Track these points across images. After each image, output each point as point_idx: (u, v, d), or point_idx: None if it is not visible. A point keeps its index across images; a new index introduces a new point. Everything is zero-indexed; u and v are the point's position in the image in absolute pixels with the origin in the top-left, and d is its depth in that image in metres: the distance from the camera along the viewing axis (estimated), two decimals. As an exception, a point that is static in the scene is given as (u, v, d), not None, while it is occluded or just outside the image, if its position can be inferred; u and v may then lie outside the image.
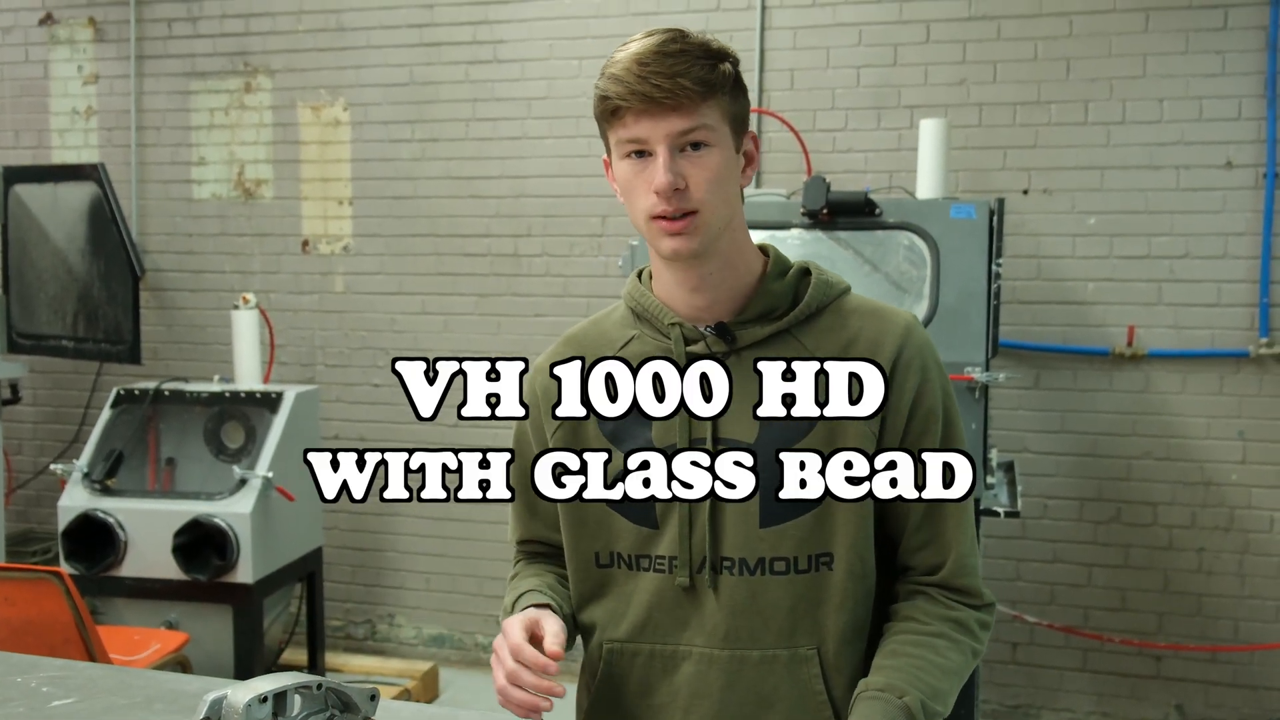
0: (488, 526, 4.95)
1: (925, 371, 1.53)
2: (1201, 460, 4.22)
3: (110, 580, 3.99)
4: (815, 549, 1.50)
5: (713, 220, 1.47)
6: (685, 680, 1.54)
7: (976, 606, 1.56)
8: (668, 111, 1.43)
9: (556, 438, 1.62)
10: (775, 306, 1.54)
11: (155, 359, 5.23)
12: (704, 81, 1.43)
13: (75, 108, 5.40)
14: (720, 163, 1.46)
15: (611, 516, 1.58)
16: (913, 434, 1.51)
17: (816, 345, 1.53)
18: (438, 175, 4.94)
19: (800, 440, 1.49)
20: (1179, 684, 4.28)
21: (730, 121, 1.48)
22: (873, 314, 1.55)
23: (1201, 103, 4.15)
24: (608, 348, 1.63)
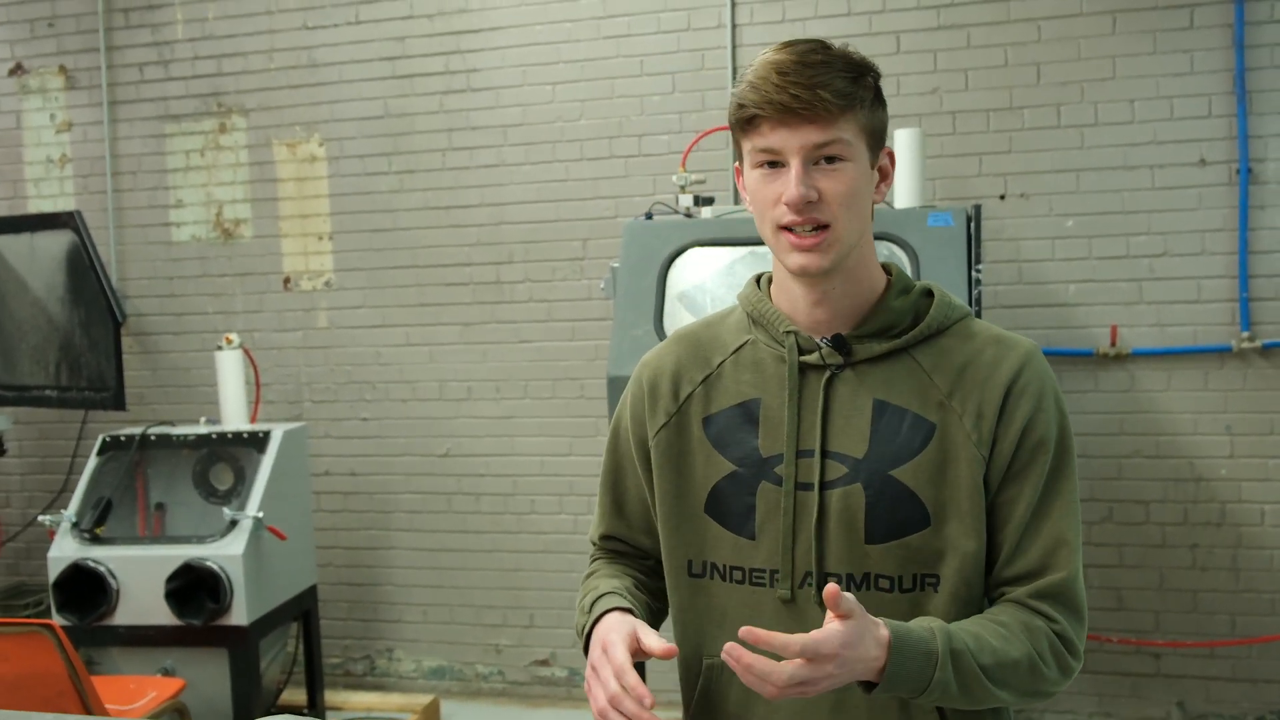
0: (484, 556, 4.93)
1: (1040, 400, 1.48)
2: (1190, 456, 4.23)
3: (104, 630, 3.95)
4: (921, 569, 1.47)
5: (845, 236, 1.45)
6: (787, 701, 1.46)
7: (1060, 634, 1.46)
8: (804, 123, 1.40)
9: (659, 437, 1.60)
10: (894, 324, 1.52)
11: (141, 404, 5.21)
12: (843, 94, 1.41)
13: (50, 156, 5.39)
14: (855, 177, 1.44)
15: (708, 524, 1.56)
16: (1019, 463, 1.46)
17: (934, 366, 1.50)
18: (416, 206, 4.94)
19: (911, 459, 1.47)
20: (1179, 681, 4.28)
21: (867, 136, 1.45)
22: (994, 339, 1.52)
23: (1172, 102, 4.17)
24: (720, 351, 1.61)
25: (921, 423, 1.48)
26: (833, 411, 1.51)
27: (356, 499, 5.09)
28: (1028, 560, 1.47)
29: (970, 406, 1.47)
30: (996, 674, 1.40)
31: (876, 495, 1.47)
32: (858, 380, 1.51)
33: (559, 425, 4.82)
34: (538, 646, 4.92)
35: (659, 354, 1.67)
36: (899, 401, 1.49)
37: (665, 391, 1.62)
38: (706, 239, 3.47)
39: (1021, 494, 1.46)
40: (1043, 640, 1.44)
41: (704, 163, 4.37)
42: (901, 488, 1.46)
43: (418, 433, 5.00)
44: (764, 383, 1.55)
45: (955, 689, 1.37)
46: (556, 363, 4.80)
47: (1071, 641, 1.46)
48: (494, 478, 4.91)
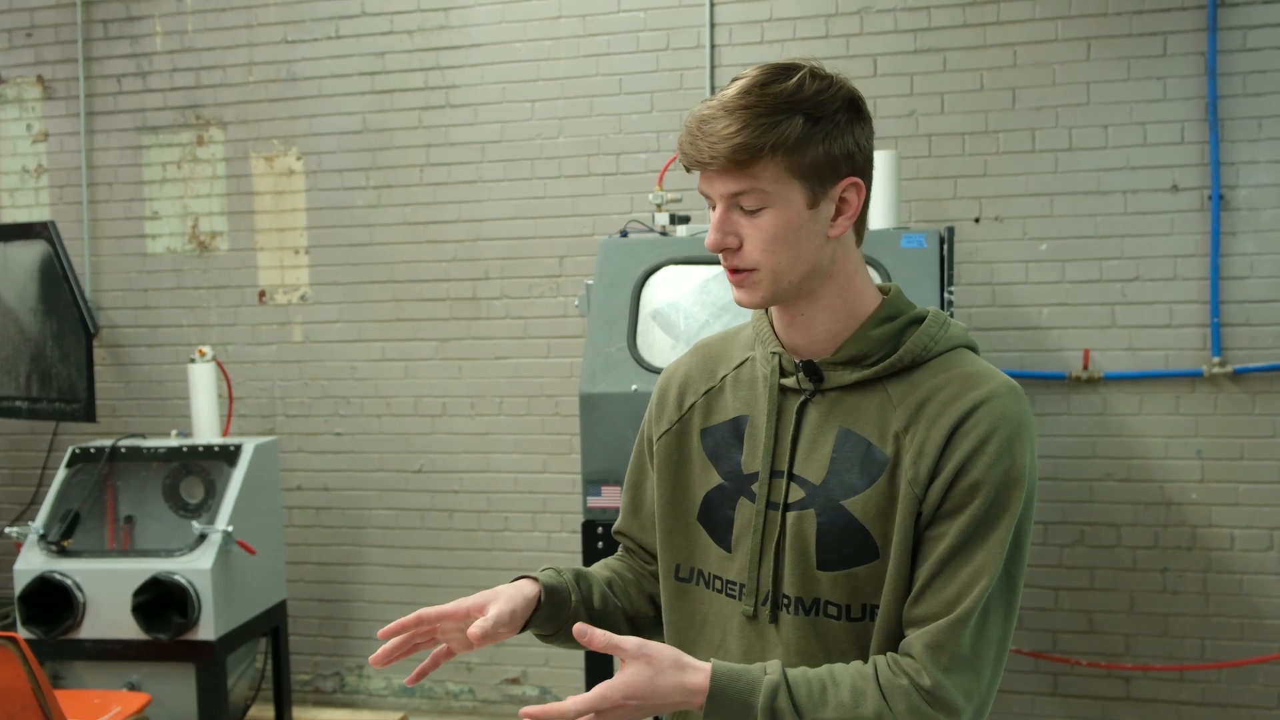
0: (457, 573, 4.91)
1: (984, 442, 1.41)
2: (1161, 480, 4.25)
3: (69, 644, 3.92)
4: (868, 599, 1.47)
5: (777, 275, 1.45)
6: None
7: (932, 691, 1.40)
8: (718, 174, 1.44)
9: (662, 442, 1.66)
10: (868, 353, 1.50)
11: (114, 416, 5.17)
12: (746, 147, 1.39)
13: (25, 166, 5.37)
14: (778, 223, 1.43)
15: (698, 532, 1.60)
16: (949, 504, 1.42)
17: (900, 399, 1.48)
18: (394, 221, 4.94)
19: (862, 490, 1.46)
20: (1149, 705, 4.29)
21: (801, 175, 1.42)
22: (963, 376, 1.47)
23: (1145, 128, 4.21)
24: (725, 365, 1.65)
25: (878, 455, 1.47)
26: (801, 436, 1.52)
27: (329, 514, 5.07)
28: (933, 603, 1.42)
29: (915, 444, 1.44)
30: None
31: (828, 524, 1.48)
32: (829, 407, 1.51)
33: (534, 442, 4.81)
34: (509, 665, 4.90)
35: (677, 363, 1.73)
36: (862, 432, 1.48)
37: (672, 400, 1.68)
38: (680, 258, 3.48)
39: (945, 534, 1.42)
40: (900, 701, 1.40)
41: (680, 182, 4.37)
42: (851, 519, 1.46)
43: (392, 448, 4.98)
44: (754, 400, 1.58)
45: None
46: (532, 379, 4.80)
47: (945, 700, 1.39)
48: (468, 494, 4.90)
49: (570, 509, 4.70)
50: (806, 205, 1.44)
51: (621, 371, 3.29)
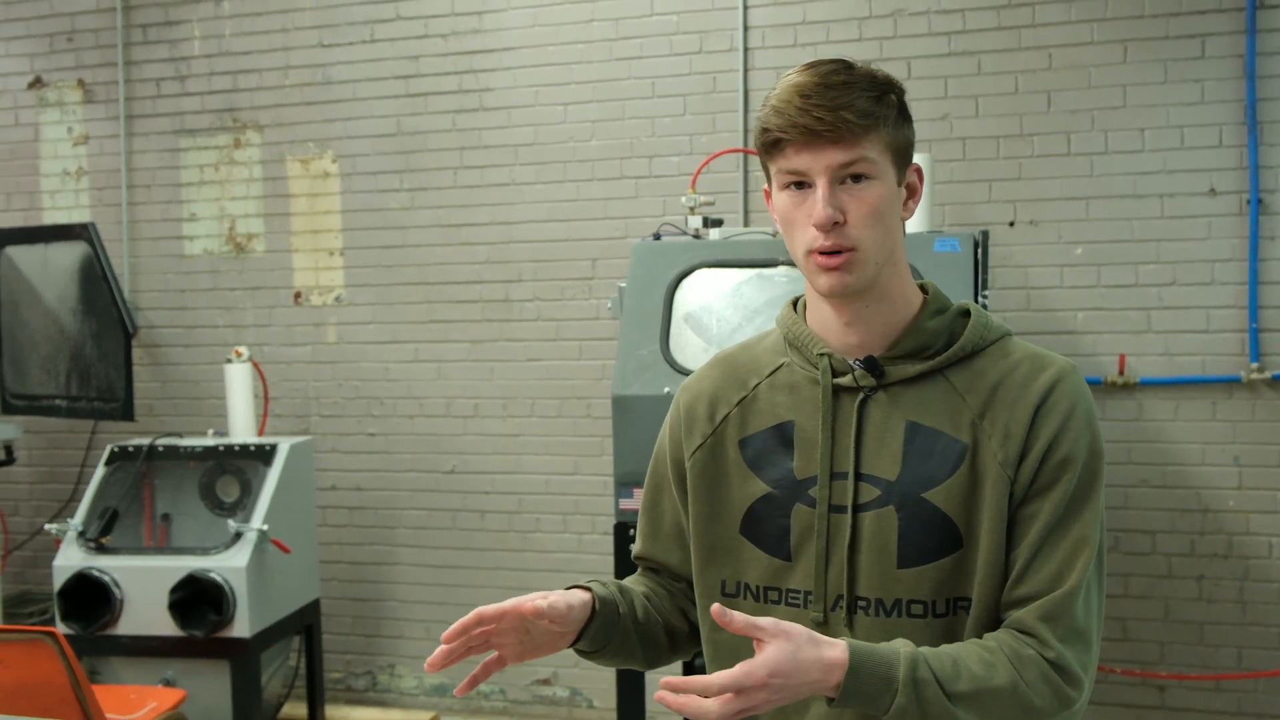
0: (488, 573, 4.93)
1: (1068, 419, 1.45)
2: (1198, 487, 4.21)
3: (106, 639, 3.97)
4: (953, 592, 1.46)
5: (871, 255, 1.45)
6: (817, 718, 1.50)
7: (1055, 661, 1.41)
8: (828, 144, 1.41)
9: (695, 459, 1.62)
10: (928, 345, 1.51)
11: (150, 415, 5.23)
12: (866, 114, 1.41)
13: (66, 169, 5.44)
14: (880, 196, 1.44)
15: (743, 545, 1.56)
16: (1041, 481, 1.44)
17: (967, 386, 1.49)
18: (427, 224, 4.97)
19: (943, 481, 1.46)
20: (1183, 714, 4.25)
21: (893, 153, 1.46)
22: (1028, 357, 1.51)
23: (1183, 131, 4.18)
24: (757, 374, 1.62)
25: (954, 444, 1.47)
26: (866, 434, 1.50)
27: (361, 514, 5.10)
28: (1038, 580, 1.43)
29: (999, 426, 1.46)
30: (973, 703, 1.37)
31: (910, 518, 1.46)
32: (891, 402, 1.50)
33: (565, 444, 4.82)
34: (539, 666, 4.91)
35: (698, 378, 1.68)
36: (932, 423, 1.48)
37: (702, 414, 1.63)
38: (714, 260, 3.48)
39: (1040, 511, 1.44)
40: (1032, 669, 1.41)
41: (713, 185, 4.38)
42: (934, 510, 1.46)
43: (424, 449, 5.01)
44: (799, 405, 1.55)
45: (918, 715, 1.36)
46: (563, 381, 4.81)
47: (1069, 670, 1.42)
48: (499, 495, 4.92)
49: (601, 511, 4.71)
50: (896, 181, 1.48)
51: (654, 374, 3.30)
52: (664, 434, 1.70)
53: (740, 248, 3.54)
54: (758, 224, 4.41)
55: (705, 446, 1.62)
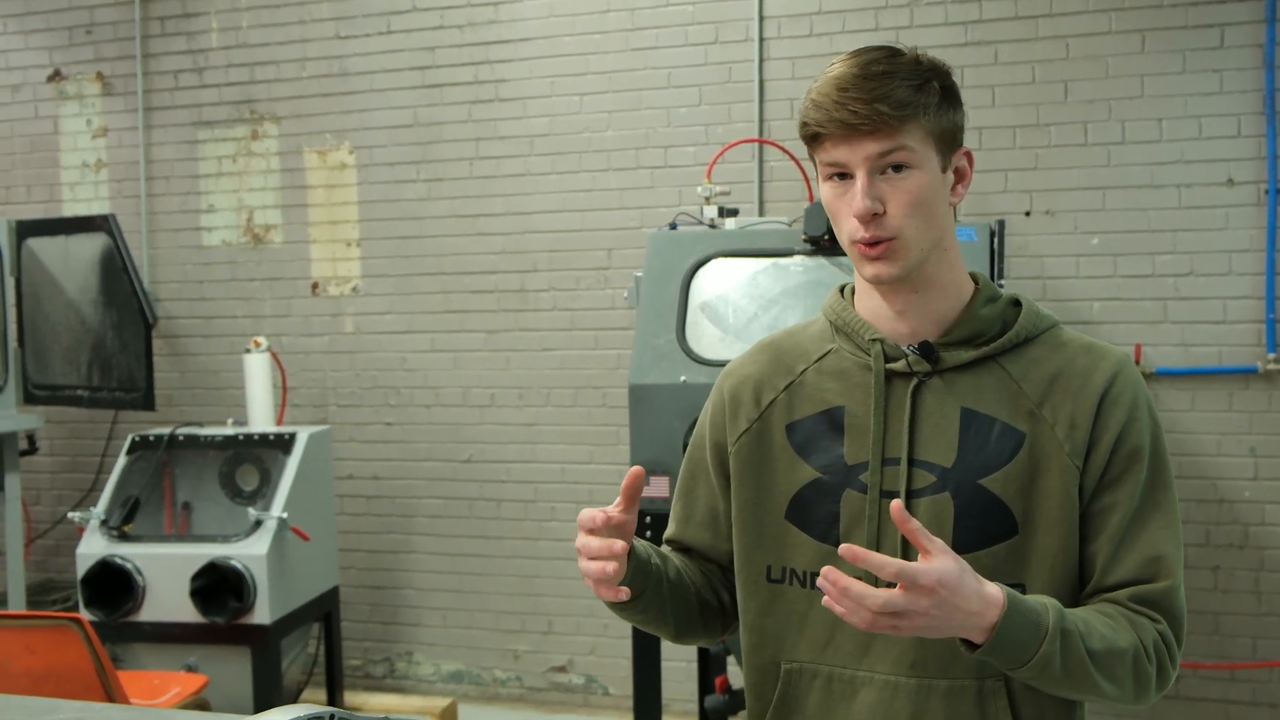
0: (504, 561, 4.96)
1: (1134, 410, 1.47)
2: (1214, 478, 4.22)
3: (129, 626, 4.01)
4: (1008, 578, 1.43)
5: (914, 244, 1.45)
6: (865, 707, 1.50)
7: (1163, 634, 1.45)
8: (864, 136, 1.42)
9: (740, 444, 1.61)
10: (982, 332, 1.51)
11: (170, 405, 5.27)
12: (902, 104, 1.41)
13: (85, 161, 5.47)
14: (922, 184, 1.44)
15: (789, 530, 1.56)
16: (1113, 472, 1.46)
17: (1023, 375, 1.49)
18: (443, 214, 4.99)
19: (1000, 468, 1.46)
20: (1199, 704, 4.25)
21: (936, 140, 1.45)
22: (1085, 348, 1.52)
23: (1200, 121, 4.17)
24: (803, 359, 1.61)
25: (1011, 432, 1.47)
26: (920, 420, 1.50)
27: (379, 503, 5.14)
28: (1125, 570, 1.45)
29: (1063, 416, 1.46)
30: (1103, 661, 1.38)
31: (965, 504, 1.47)
32: (945, 388, 1.50)
33: (581, 434, 4.85)
34: (555, 653, 4.94)
35: (741, 363, 1.68)
36: (987, 410, 1.49)
37: (747, 399, 1.63)
38: (730, 250, 3.50)
39: (1117, 503, 1.45)
40: (1149, 634, 1.43)
41: (729, 174, 4.40)
42: (991, 497, 1.46)
43: (441, 438, 5.04)
44: (849, 391, 1.55)
45: (1059, 667, 1.35)
46: (579, 371, 4.84)
47: (1173, 647, 1.45)
48: (515, 484, 4.95)
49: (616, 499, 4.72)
50: (941, 168, 1.47)
51: (670, 363, 3.32)
52: (704, 420, 1.69)
53: (756, 237, 3.56)
54: (773, 213, 4.42)
55: (751, 432, 1.61)
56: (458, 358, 5.01)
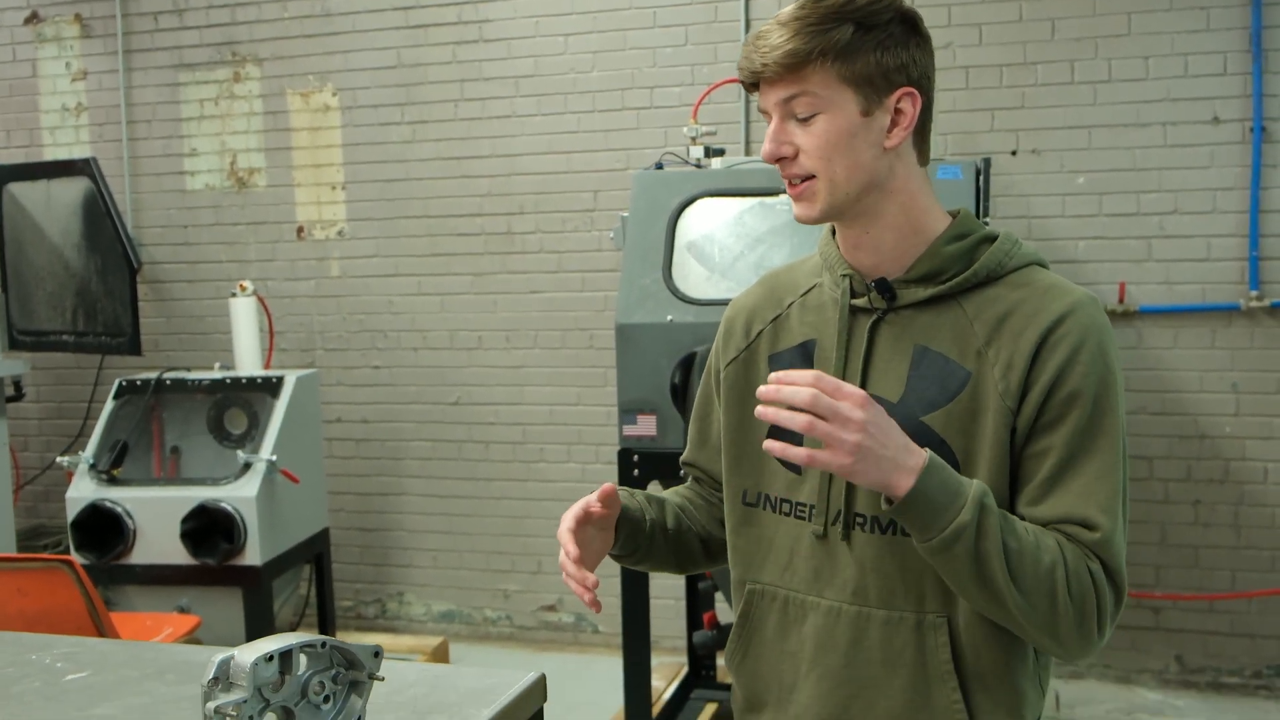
0: (493, 502, 5.00)
1: (1076, 353, 1.43)
2: (1195, 414, 4.26)
3: (121, 569, 4.03)
4: None
5: (832, 185, 1.47)
6: (813, 631, 1.55)
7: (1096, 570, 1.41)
8: (770, 83, 1.48)
9: (729, 371, 1.68)
10: (941, 270, 1.51)
11: (156, 350, 5.26)
12: (796, 53, 1.43)
13: (65, 104, 5.42)
14: (831, 128, 1.45)
15: (766, 458, 1.58)
16: (1048, 415, 1.42)
17: (977, 314, 1.49)
18: (429, 157, 4.97)
19: (943, 406, 1.47)
20: (1178, 635, 4.33)
21: (853, 83, 1.45)
22: (1044, 289, 1.49)
23: (1187, 59, 4.17)
24: (792, 292, 1.66)
25: (958, 371, 1.48)
26: (875, 355, 1.53)
27: (368, 446, 5.16)
28: (1051, 514, 1.42)
29: (1003, 357, 1.45)
30: (1014, 561, 1.37)
31: None
32: (902, 325, 1.52)
33: (568, 375, 4.87)
34: (545, 593, 4.99)
35: (744, 295, 1.74)
36: (939, 348, 1.50)
37: (739, 330, 1.69)
38: (715, 189, 3.49)
39: (1050, 448, 1.43)
40: (1079, 563, 1.40)
41: (715, 115, 4.38)
42: (931, 434, 1.46)
43: (428, 381, 5.05)
44: (823, 325, 1.59)
45: (972, 544, 1.35)
46: (566, 313, 4.84)
47: (1101, 591, 1.41)
48: (503, 426, 4.97)
49: (605, 440, 4.76)
50: (860, 113, 1.46)
51: (656, 303, 3.33)
52: (714, 347, 1.76)
53: (742, 176, 3.55)
54: (759, 153, 4.40)
55: (739, 360, 1.67)
56: (445, 300, 5.01)
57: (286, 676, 1.20)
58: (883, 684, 1.51)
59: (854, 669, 1.52)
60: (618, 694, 3.65)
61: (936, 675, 1.48)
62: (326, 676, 1.24)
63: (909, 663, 1.49)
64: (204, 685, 1.18)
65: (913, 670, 1.49)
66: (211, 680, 1.17)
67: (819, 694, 1.54)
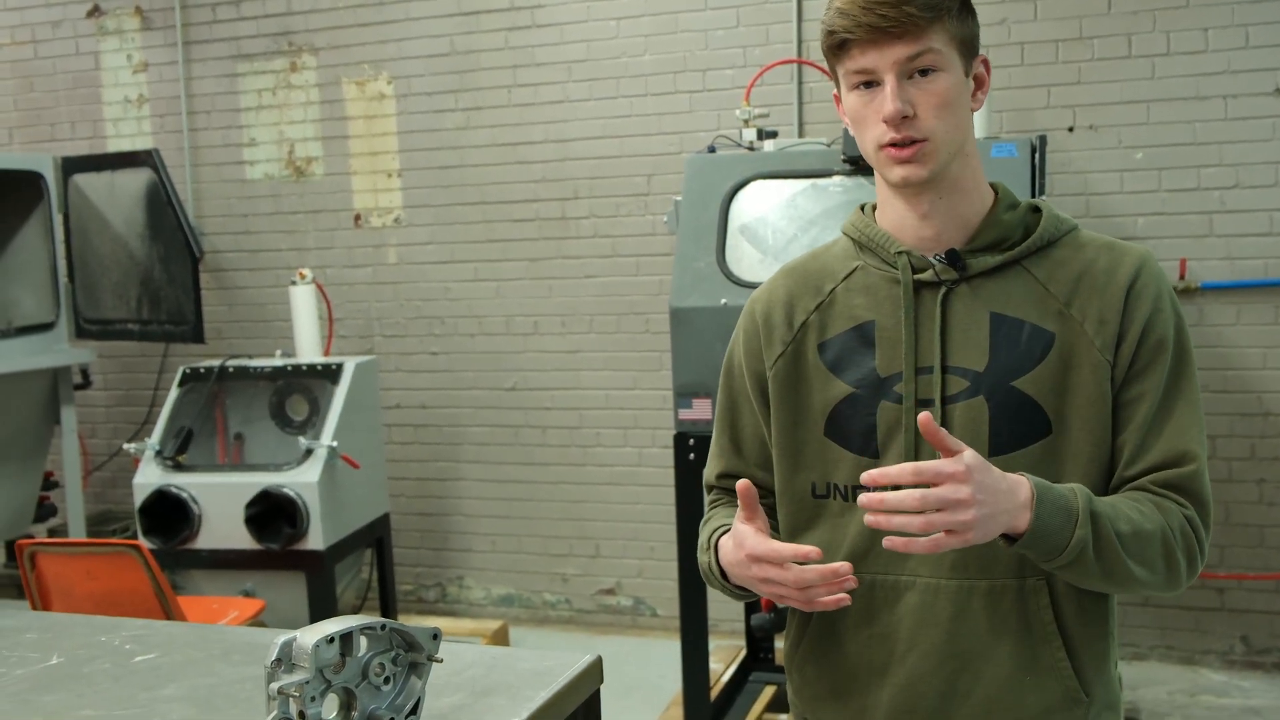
0: (550, 487, 5.03)
1: (1158, 301, 1.49)
2: (1259, 391, 4.19)
3: (187, 553, 4.12)
4: (1045, 477, 1.44)
5: (942, 145, 1.48)
6: (909, 610, 1.54)
7: (1190, 519, 1.47)
8: (893, 40, 1.44)
9: (777, 367, 1.63)
10: (1006, 237, 1.54)
11: (219, 338, 5.36)
12: (929, 6, 1.44)
13: (127, 96, 5.52)
14: (949, 87, 1.47)
15: (829, 446, 1.58)
16: (1140, 362, 1.48)
17: (1049, 276, 1.52)
18: (483, 143, 5.00)
19: (1032, 369, 1.49)
20: (1243, 615, 4.27)
21: (959, 45, 1.48)
22: (1106, 247, 1.55)
23: (1248, 30, 4.08)
24: (830, 279, 1.63)
25: (1040, 333, 1.50)
26: (951, 327, 1.53)
27: (426, 431, 5.21)
28: (1151, 458, 1.48)
29: (1091, 312, 1.49)
30: (1132, 544, 1.42)
31: (1000, 407, 1.50)
32: (973, 294, 1.53)
33: (623, 359, 4.88)
34: (603, 576, 5.03)
35: (769, 288, 1.69)
36: (1016, 313, 1.51)
37: (779, 321, 1.64)
38: (768, 172, 3.49)
39: (1145, 393, 1.48)
40: (1176, 517, 1.46)
41: (768, 97, 4.37)
42: (1024, 398, 1.49)
43: (485, 366, 5.10)
44: (877, 304, 1.57)
45: (1092, 552, 1.39)
46: (621, 297, 4.86)
47: (1200, 531, 1.48)
48: (560, 411, 5.00)
49: (660, 425, 4.77)
50: (964, 73, 1.50)
51: (710, 286, 3.33)
52: (736, 349, 1.70)
53: (795, 158, 3.54)
54: (812, 135, 4.39)
55: (786, 354, 1.62)
56: (500, 286, 5.04)
57: (347, 658, 1.22)
58: (990, 653, 1.51)
59: (958, 642, 1.52)
60: (676, 677, 3.67)
61: (1041, 637, 1.51)
62: (387, 658, 1.26)
63: (1014, 629, 1.51)
64: (267, 666, 1.20)
65: (1018, 636, 1.51)
66: (274, 661, 1.20)
67: (923, 671, 1.54)
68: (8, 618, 1.78)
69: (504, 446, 5.11)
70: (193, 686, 1.47)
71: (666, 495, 4.54)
